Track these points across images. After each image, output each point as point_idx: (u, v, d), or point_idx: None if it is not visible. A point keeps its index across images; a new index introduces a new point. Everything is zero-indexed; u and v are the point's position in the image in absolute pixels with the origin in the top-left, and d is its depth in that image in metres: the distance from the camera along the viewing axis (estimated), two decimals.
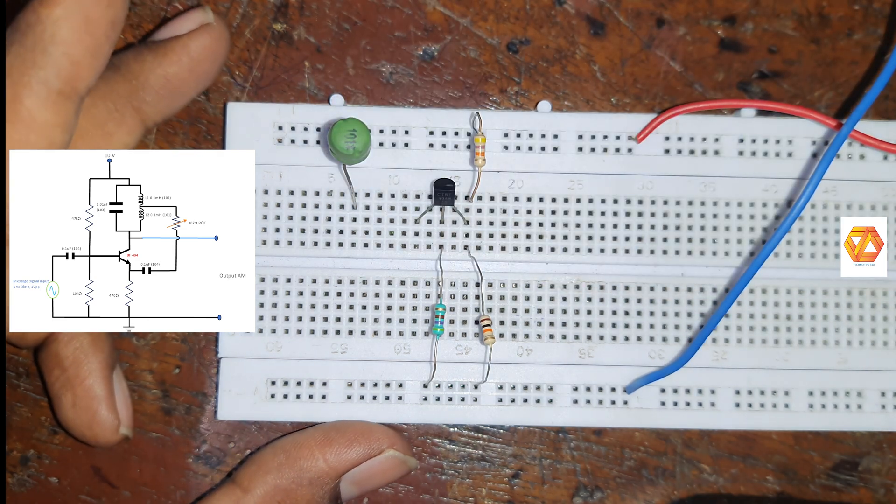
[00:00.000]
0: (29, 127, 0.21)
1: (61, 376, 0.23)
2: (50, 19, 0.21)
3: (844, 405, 0.26)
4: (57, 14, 0.21)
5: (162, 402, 0.26)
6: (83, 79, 0.21)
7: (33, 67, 0.21)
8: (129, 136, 0.24)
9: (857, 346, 0.26)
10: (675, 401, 0.26)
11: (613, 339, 0.26)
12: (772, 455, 0.27)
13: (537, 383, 0.26)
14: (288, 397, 0.26)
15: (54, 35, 0.21)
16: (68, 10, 0.21)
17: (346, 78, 0.27)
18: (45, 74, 0.21)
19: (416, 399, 0.26)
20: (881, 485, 0.27)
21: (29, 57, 0.21)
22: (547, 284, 0.26)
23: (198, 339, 0.27)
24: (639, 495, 0.27)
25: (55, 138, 0.21)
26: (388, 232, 0.26)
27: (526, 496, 0.27)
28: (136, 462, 0.26)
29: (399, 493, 0.27)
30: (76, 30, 0.21)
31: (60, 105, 0.21)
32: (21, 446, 0.26)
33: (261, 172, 0.26)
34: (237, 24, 0.27)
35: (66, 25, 0.21)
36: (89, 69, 0.21)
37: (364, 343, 0.26)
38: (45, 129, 0.21)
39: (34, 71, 0.21)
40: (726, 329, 0.26)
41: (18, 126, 0.21)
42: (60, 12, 0.21)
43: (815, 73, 0.28)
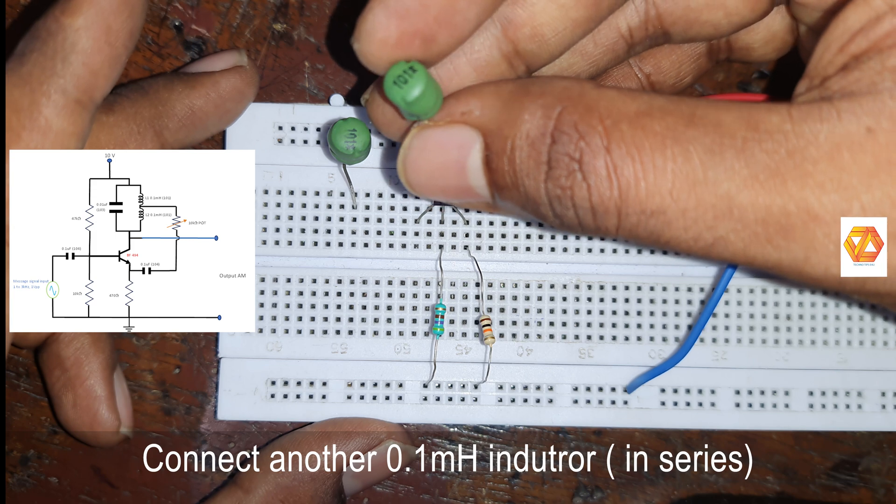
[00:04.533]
0: (45, 135, 0.21)
1: (62, 377, 0.24)
2: (71, 28, 0.21)
3: (844, 405, 0.26)
4: (78, 23, 0.21)
5: (162, 402, 0.26)
6: (100, 88, 0.21)
7: (53, 76, 0.21)
8: None
9: (857, 346, 0.26)
10: (675, 401, 0.26)
11: (613, 339, 0.26)
12: (772, 455, 0.27)
13: (537, 383, 0.26)
14: (288, 397, 0.26)
15: (75, 44, 0.21)
16: (90, 20, 0.21)
17: (346, 78, 0.27)
18: (64, 83, 0.21)
19: (416, 399, 0.26)
20: (881, 485, 0.27)
21: (49, 65, 0.21)
22: (547, 284, 0.26)
23: (198, 339, 0.27)
24: (639, 495, 0.27)
25: (69, 147, 0.21)
26: (388, 232, 0.26)
27: (526, 496, 0.27)
28: (136, 462, 0.26)
29: (399, 493, 0.27)
30: (97, 39, 0.21)
31: (77, 114, 0.21)
32: (21, 446, 0.26)
33: (261, 172, 0.26)
34: (237, 24, 0.27)
35: (87, 35, 0.21)
36: (107, 79, 0.22)
37: (364, 343, 0.26)
38: (61, 138, 0.21)
39: (53, 79, 0.21)
40: (726, 329, 0.26)
41: (35, 134, 0.21)
42: (82, 21, 0.21)
43: None
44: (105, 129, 0.23)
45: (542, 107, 0.18)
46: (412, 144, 0.20)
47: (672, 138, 0.17)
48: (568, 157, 0.18)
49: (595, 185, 0.18)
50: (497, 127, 0.19)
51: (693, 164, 0.17)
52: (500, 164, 0.19)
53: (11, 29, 0.27)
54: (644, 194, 0.17)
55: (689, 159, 0.17)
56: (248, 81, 0.25)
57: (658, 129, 0.17)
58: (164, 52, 0.27)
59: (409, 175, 0.20)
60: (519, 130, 0.18)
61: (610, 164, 0.17)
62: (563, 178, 0.18)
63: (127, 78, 0.27)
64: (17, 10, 0.27)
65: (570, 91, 0.18)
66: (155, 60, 0.27)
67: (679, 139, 0.17)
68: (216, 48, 0.27)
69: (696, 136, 0.17)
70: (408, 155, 0.20)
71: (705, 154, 0.17)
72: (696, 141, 0.17)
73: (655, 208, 0.17)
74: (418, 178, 0.20)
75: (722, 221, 0.17)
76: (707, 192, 0.17)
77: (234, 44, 0.27)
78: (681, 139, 0.17)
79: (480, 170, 0.19)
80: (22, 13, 0.27)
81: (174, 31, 0.27)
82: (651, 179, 0.17)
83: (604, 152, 0.17)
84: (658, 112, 0.18)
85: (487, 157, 0.19)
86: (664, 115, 0.18)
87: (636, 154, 0.17)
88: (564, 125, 0.18)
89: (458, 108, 0.20)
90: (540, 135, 0.18)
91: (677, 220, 0.17)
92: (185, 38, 0.27)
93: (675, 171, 0.17)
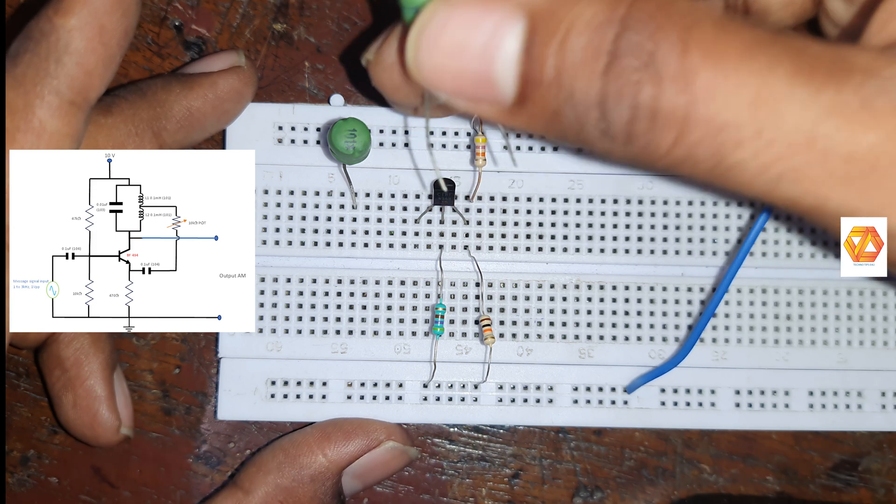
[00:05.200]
0: (39, 136, 0.21)
1: (62, 377, 0.24)
2: (64, 29, 0.21)
3: (844, 405, 0.26)
4: (71, 24, 0.21)
5: (162, 402, 0.26)
6: (94, 88, 0.21)
7: (46, 77, 0.21)
8: None
9: (857, 346, 0.26)
10: (675, 401, 0.26)
11: (613, 339, 0.26)
12: (772, 455, 0.27)
13: (537, 383, 0.26)
14: (288, 397, 0.26)
15: (68, 44, 0.21)
16: (83, 20, 0.21)
17: (346, 78, 0.27)
18: (58, 84, 0.21)
19: (416, 399, 0.26)
20: (881, 485, 0.27)
21: (42, 66, 0.21)
22: (547, 284, 0.26)
23: (198, 339, 0.27)
24: (639, 495, 0.27)
25: (64, 148, 0.21)
26: (388, 232, 0.26)
27: (526, 496, 0.27)
28: (136, 462, 0.26)
29: (399, 493, 0.27)
30: (90, 39, 0.21)
31: (71, 115, 0.21)
32: (21, 446, 0.26)
33: (261, 172, 0.26)
34: (237, 24, 0.27)
35: (81, 35, 0.21)
36: (101, 79, 0.22)
37: (364, 343, 0.26)
38: (55, 139, 0.21)
39: (47, 80, 0.21)
40: (726, 329, 0.26)
41: (29, 135, 0.21)
42: (75, 22, 0.21)
43: None
44: (103, 131, 0.22)
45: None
46: (434, 15, 0.17)
47: (758, 50, 0.15)
48: (639, 47, 0.15)
49: (666, 86, 0.15)
50: (551, 7, 0.16)
51: (779, 79, 0.15)
52: (544, 52, 0.16)
53: (6, 29, 0.26)
54: (719, 105, 0.15)
55: (774, 73, 0.15)
56: (246, 82, 0.25)
57: (743, 38, 0.15)
58: (164, 52, 0.27)
59: (421, 52, 0.17)
60: (581, 13, 0.16)
61: (686, 65, 0.15)
62: (631, 71, 0.15)
63: (127, 78, 0.27)
64: (14, 10, 0.27)
65: None
66: (155, 60, 0.27)
67: (766, 52, 0.15)
68: (216, 48, 0.27)
69: (783, 53, 0.15)
70: (426, 27, 0.17)
71: (793, 73, 0.15)
72: (782, 57, 0.15)
73: (728, 122, 0.15)
74: (431, 57, 0.17)
75: (800, 151, 0.15)
76: (791, 113, 0.15)
77: (235, 44, 0.27)
78: (768, 52, 0.15)
79: (515, 59, 0.16)
80: (15, 13, 0.27)
81: (174, 31, 0.27)
82: (730, 89, 0.15)
83: (680, 50, 0.15)
84: (742, 23, 0.16)
85: (529, 44, 0.16)
86: (750, 27, 0.15)
87: (717, 59, 0.15)
88: (639, 12, 0.15)
89: None
90: (607, 20, 0.15)
91: (749, 142, 0.15)
92: (185, 38, 0.27)
93: (759, 86, 0.15)
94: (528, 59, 0.16)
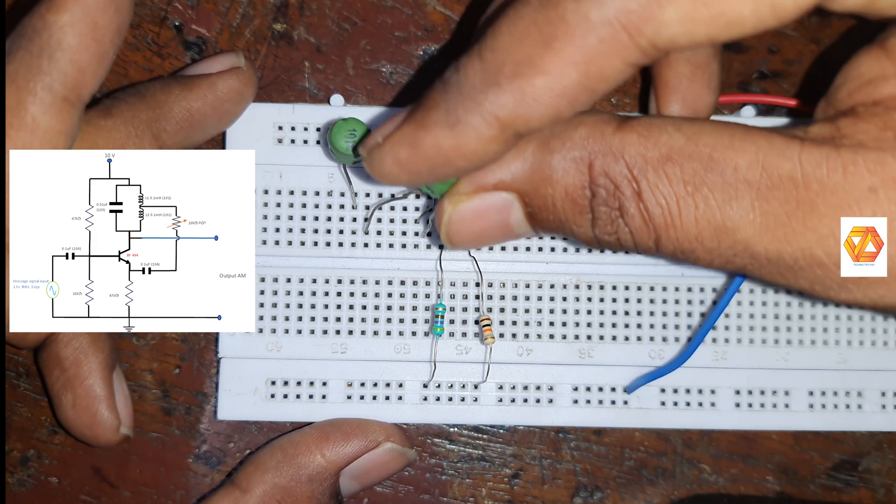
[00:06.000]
0: (33, 133, 0.21)
1: (61, 377, 0.23)
2: (57, 25, 0.21)
3: (844, 405, 0.26)
4: (64, 20, 0.21)
5: (162, 402, 0.26)
6: (88, 85, 0.21)
7: (39, 73, 0.21)
8: None
9: (857, 346, 0.26)
10: (675, 401, 0.26)
11: (613, 339, 0.26)
12: (772, 455, 0.27)
13: (537, 383, 0.26)
14: (288, 397, 0.26)
15: (61, 41, 0.21)
16: (75, 17, 0.21)
17: (346, 78, 0.27)
18: (51, 81, 0.21)
19: (416, 399, 0.26)
20: (881, 485, 0.27)
21: (35, 63, 0.21)
22: (547, 284, 0.26)
23: (198, 339, 0.27)
24: (639, 495, 0.27)
25: (58, 145, 0.21)
26: (388, 232, 0.26)
27: (526, 496, 0.27)
28: (136, 462, 0.26)
29: (399, 493, 0.27)
30: (83, 36, 0.21)
31: (65, 112, 0.21)
32: (21, 446, 0.26)
33: (261, 172, 0.26)
34: (237, 24, 0.27)
35: (73, 31, 0.21)
36: (94, 76, 0.21)
37: (364, 343, 0.26)
38: (49, 136, 0.21)
39: (40, 77, 0.21)
40: (726, 329, 0.26)
41: (22, 133, 0.21)
42: (68, 18, 0.21)
43: (815, 73, 0.28)
44: (102, 133, 0.22)
45: (572, 161, 0.20)
46: (452, 219, 0.21)
47: (694, 185, 0.19)
48: (609, 208, 0.20)
49: (635, 230, 0.20)
50: (533, 188, 0.20)
51: (713, 210, 0.19)
52: (544, 215, 0.20)
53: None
54: (675, 237, 0.19)
55: (709, 206, 0.19)
56: (245, 82, 0.25)
57: (680, 176, 0.19)
58: (164, 52, 0.27)
59: (455, 242, 0.22)
60: (556, 188, 0.20)
61: (644, 210, 0.19)
62: (609, 225, 0.20)
63: (127, 78, 0.27)
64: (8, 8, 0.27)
65: (592, 139, 0.20)
66: (155, 60, 0.27)
67: (700, 186, 0.19)
68: (216, 48, 0.27)
69: (716, 182, 0.19)
70: (450, 228, 0.21)
71: (724, 201, 0.19)
72: (715, 188, 0.19)
73: (685, 248, 0.19)
74: (464, 242, 0.22)
75: (741, 258, 0.19)
76: (727, 236, 0.19)
77: (234, 44, 0.27)
78: (701, 186, 0.19)
79: (524, 222, 0.21)
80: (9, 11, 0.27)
81: (174, 31, 0.27)
82: (679, 226, 0.19)
83: (636, 199, 0.19)
84: (678, 156, 0.19)
85: (530, 212, 0.21)
86: (684, 159, 0.19)
87: (665, 203, 0.19)
88: (598, 177, 0.20)
89: (487, 178, 0.20)
90: (579, 188, 0.20)
91: (704, 256, 0.20)
92: (185, 38, 0.27)
93: (699, 218, 0.19)
94: (534, 220, 0.21)
